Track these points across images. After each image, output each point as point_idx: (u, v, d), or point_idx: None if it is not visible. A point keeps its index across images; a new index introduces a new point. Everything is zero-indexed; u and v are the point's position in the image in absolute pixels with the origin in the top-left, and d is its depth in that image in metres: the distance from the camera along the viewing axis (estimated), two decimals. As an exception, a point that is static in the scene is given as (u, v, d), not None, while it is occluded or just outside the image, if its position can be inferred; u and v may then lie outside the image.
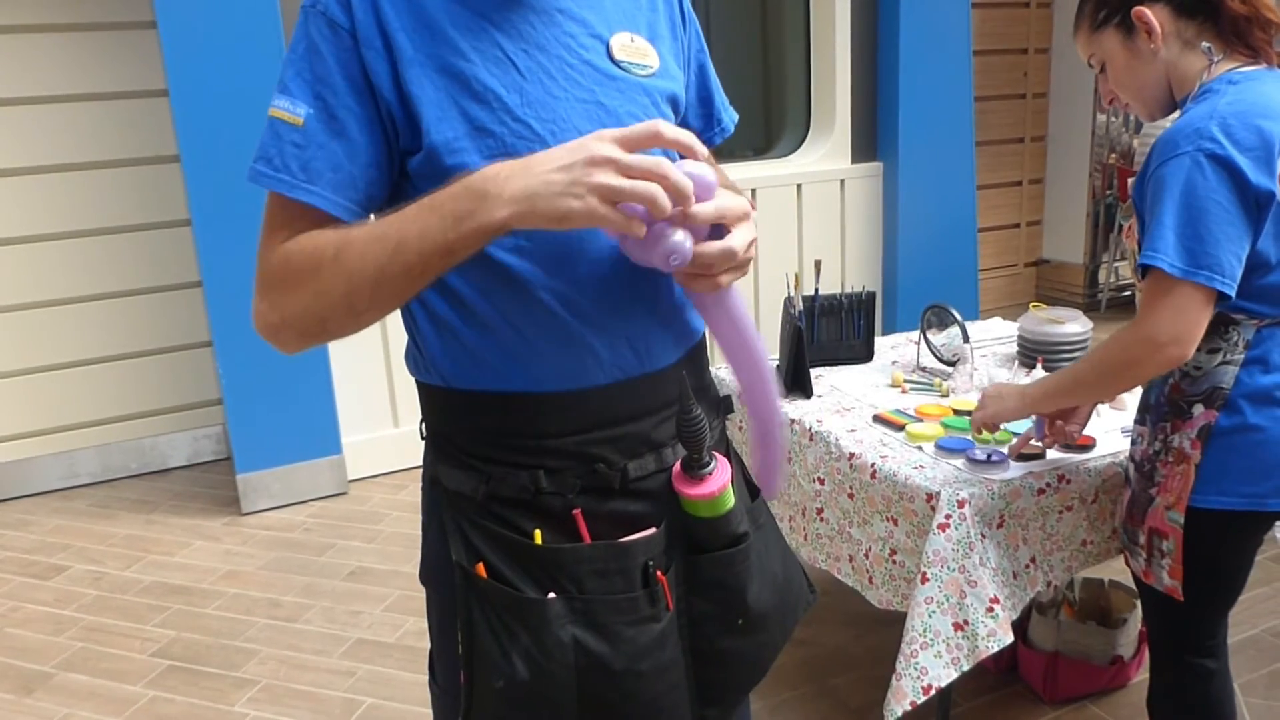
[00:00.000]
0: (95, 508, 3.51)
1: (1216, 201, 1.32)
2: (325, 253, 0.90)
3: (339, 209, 0.93)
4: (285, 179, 0.92)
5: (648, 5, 1.07)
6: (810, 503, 1.99)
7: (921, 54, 4.35)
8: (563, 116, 0.95)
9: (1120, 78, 1.52)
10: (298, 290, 0.91)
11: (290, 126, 0.91)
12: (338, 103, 0.92)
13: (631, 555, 1.00)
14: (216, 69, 3.03)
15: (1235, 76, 1.39)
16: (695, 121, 1.19)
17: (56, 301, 3.56)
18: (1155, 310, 1.36)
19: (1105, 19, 1.49)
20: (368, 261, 0.88)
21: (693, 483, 1.01)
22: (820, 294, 2.35)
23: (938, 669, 1.65)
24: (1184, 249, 1.33)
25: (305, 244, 0.92)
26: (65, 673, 2.49)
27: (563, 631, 0.97)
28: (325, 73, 0.91)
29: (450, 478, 1.02)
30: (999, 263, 5.42)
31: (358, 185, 0.94)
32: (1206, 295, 1.34)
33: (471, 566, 0.99)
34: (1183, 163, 1.34)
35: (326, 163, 0.92)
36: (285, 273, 0.92)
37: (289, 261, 0.92)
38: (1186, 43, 1.43)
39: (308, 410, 3.41)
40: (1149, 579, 1.56)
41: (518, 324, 0.97)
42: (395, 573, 2.94)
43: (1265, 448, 1.42)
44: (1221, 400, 1.43)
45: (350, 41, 0.91)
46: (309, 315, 0.92)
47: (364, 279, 0.88)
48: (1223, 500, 1.44)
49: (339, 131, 0.92)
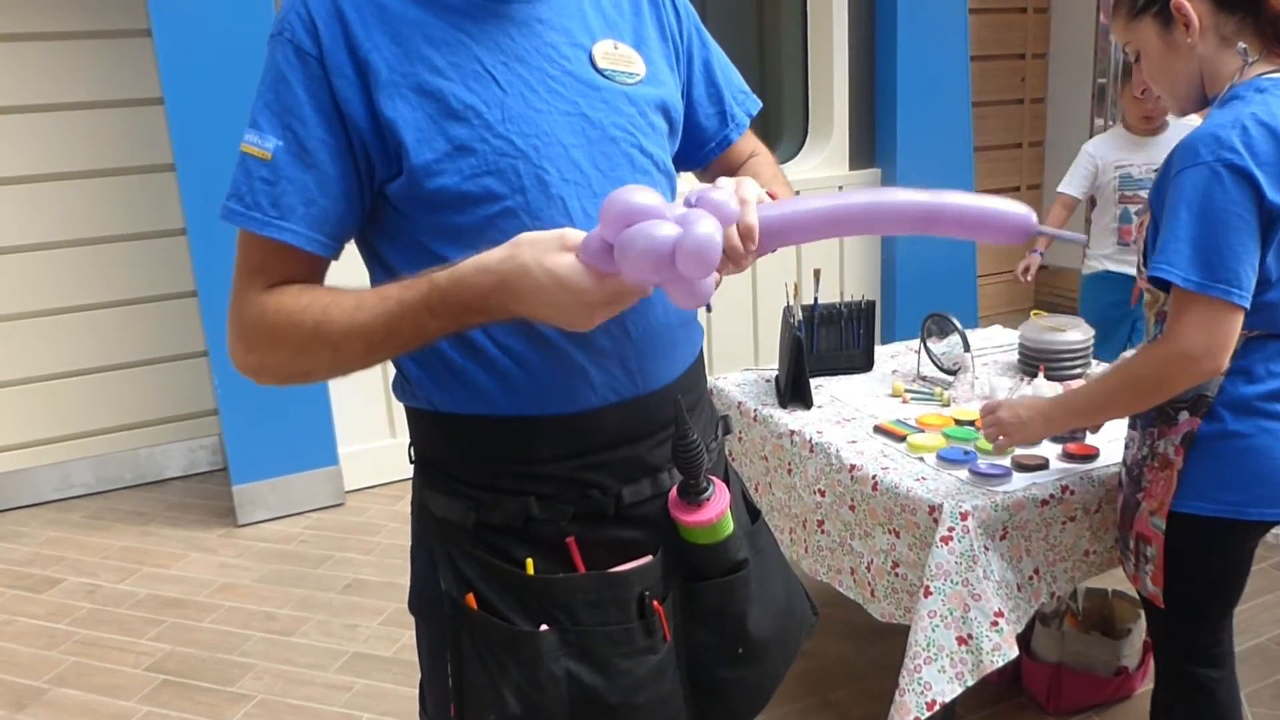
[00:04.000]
0: (90, 519, 3.49)
1: (1235, 214, 1.31)
2: (304, 324, 0.90)
3: (313, 244, 0.92)
4: (257, 217, 0.90)
5: (631, 10, 1.04)
6: (811, 515, 1.97)
7: (919, 60, 4.34)
8: (545, 130, 0.93)
9: (1154, 69, 1.49)
10: (278, 349, 0.93)
11: (259, 162, 0.90)
12: (308, 134, 0.89)
13: (627, 585, 0.98)
14: (211, 78, 3.01)
15: (1264, 83, 1.37)
16: (708, 121, 1.15)
17: (51, 311, 3.53)
18: (1183, 325, 1.35)
19: (1144, 7, 1.46)
20: (354, 344, 0.89)
21: (690, 509, 0.98)
22: (819, 303, 2.33)
23: (942, 684, 1.63)
24: (1200, 262, 1.32)
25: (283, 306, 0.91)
26: (58, 688, 2.46)
27: (555, 665, 0.95)
28: (294, 104, 0.89)
29: (439, 505, 1.00)
30: (997, 268, 5.41)
31: (330, 219, 0.92)
32: (1227, 308, 1.33)
33: (461, 597, 0.97)
34: (1202, 172, 1.32)
35: (298, 197, 0.90)
36: (264, 330, 0.92)
37: (266, 320, 0.92)
38: (1224, 39, 1.41)
39: (304, 421, 3.38)
40: (1136, 584, 1.57)
41: (506, 346, 0.94)
42: (392, 585, 2.92)
43: (1245, 455, 1.42)
44: (1205, 408, 1.44)
45: (319, 70, 0.89)
46: (292, 370, 0.95)
47: (352, 355, 0.91)
48: (1202, 506, 1.45)
49: (310, 164, 0.90)
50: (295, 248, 0.91)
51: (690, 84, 1.12)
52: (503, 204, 0.91)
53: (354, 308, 0.88)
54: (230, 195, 0.92)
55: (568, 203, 0.93)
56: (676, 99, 1.07)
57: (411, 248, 0.94)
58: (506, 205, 0.91)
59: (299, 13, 0.89)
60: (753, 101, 1.19)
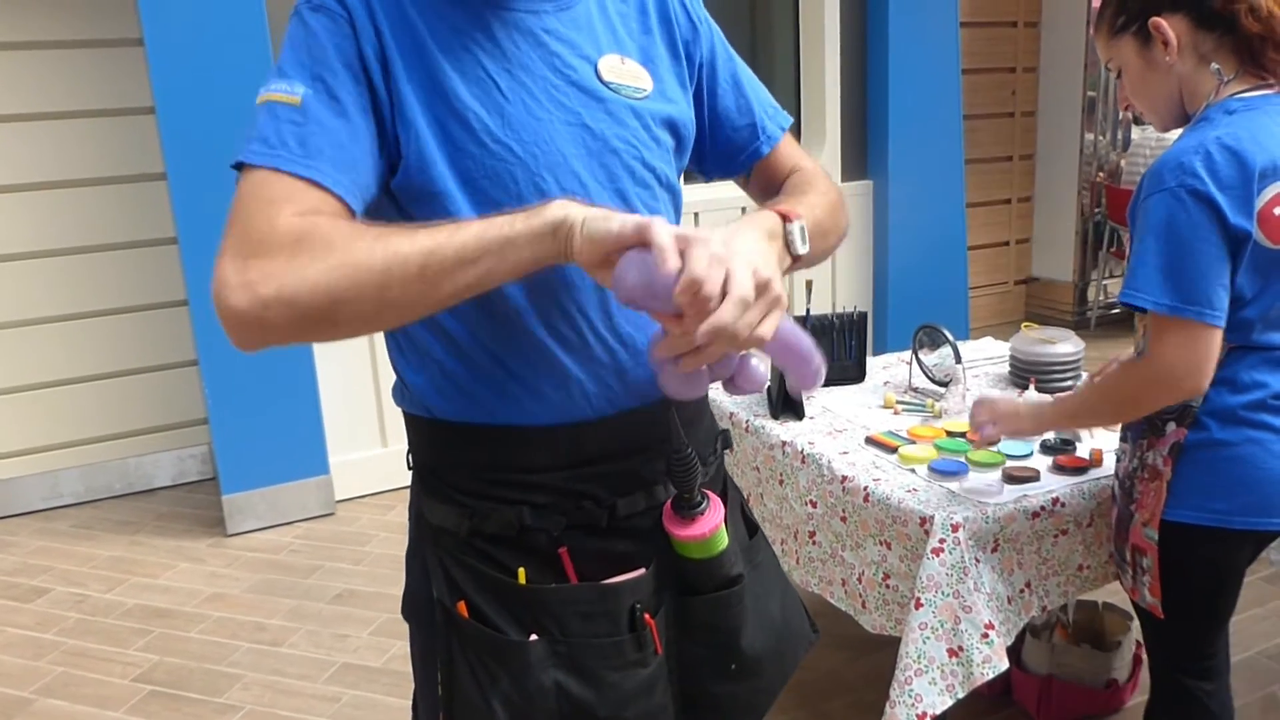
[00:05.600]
0: (78, 529, 3.47)
1: (1201, 237, 1.34)
2: (363, 230, 0.81)
3: (342, 188, 0.84)
4: (283, 154, 0.83)
5: (640, 29, 1.05)
6: (802, 526, 1.97)
7: (911, 73, 4.37)
8: (546, 139, 0.93)
9: (1134, 86, 1.51)
10: (315, 259, 0.78)
11: (287, 106, 0.85)
12: (338, 84, 0.86)
13: (618, 597, 0.97)
14: (203, 86, 3.01)
15: (1233, 105, 1.39)
16: (736, 134, 1.14)
17: (41, 319, 3.52)
18: (1163, 347, 1.37)
19: (1123, 25, 1.48)
20: (433, 259, 0.79)
21: (683, 523, 0.98)
22: (812, 314, 2.33)
23: (932, 696, 1.63)
24: (1171, 286, 1.35)
25: (331, 218, 0.82)
26: (45, 699, 2.45)
27: (545, 676, 0.94)
28: (324, 56, 0.87)
29: (434, 512, 1.00)
30: (988, 280, 5.43)
31: (358, 169, 0.86)
32: (1202, 329, 1.35)
33: (453, 604, 0.97)
34: (1165, 199, 1.35)
35: (327, 140, 0.84)
36: (301, 238, 0.79)
37: (314, 229, 0.80)
38: (1202, 57, 1.43)
39: (294, 430, 3.37)
40: (1134, 596, 1.58)
41: (503, 356, 0.94)
42: (382, 595, 2.91)
43: (1229, 464, 1.44)
44: (1191, 418, 1.45)
45: (349, 30, 0.88)
46: (320, 291, 0.78)
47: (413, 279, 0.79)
48: (1190, 515, 1.46)
49: (340, 112, 0.86)
50: (324, 189, 0.83)
51: (715, 95, 1.11)
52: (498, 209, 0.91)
53: (429, 230, 0.81)
54: (252, 139, 0.84)
55: None
56: (687, 116, 1.06)
57: None
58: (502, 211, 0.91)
59: None
60: (784, 117, 1.18)
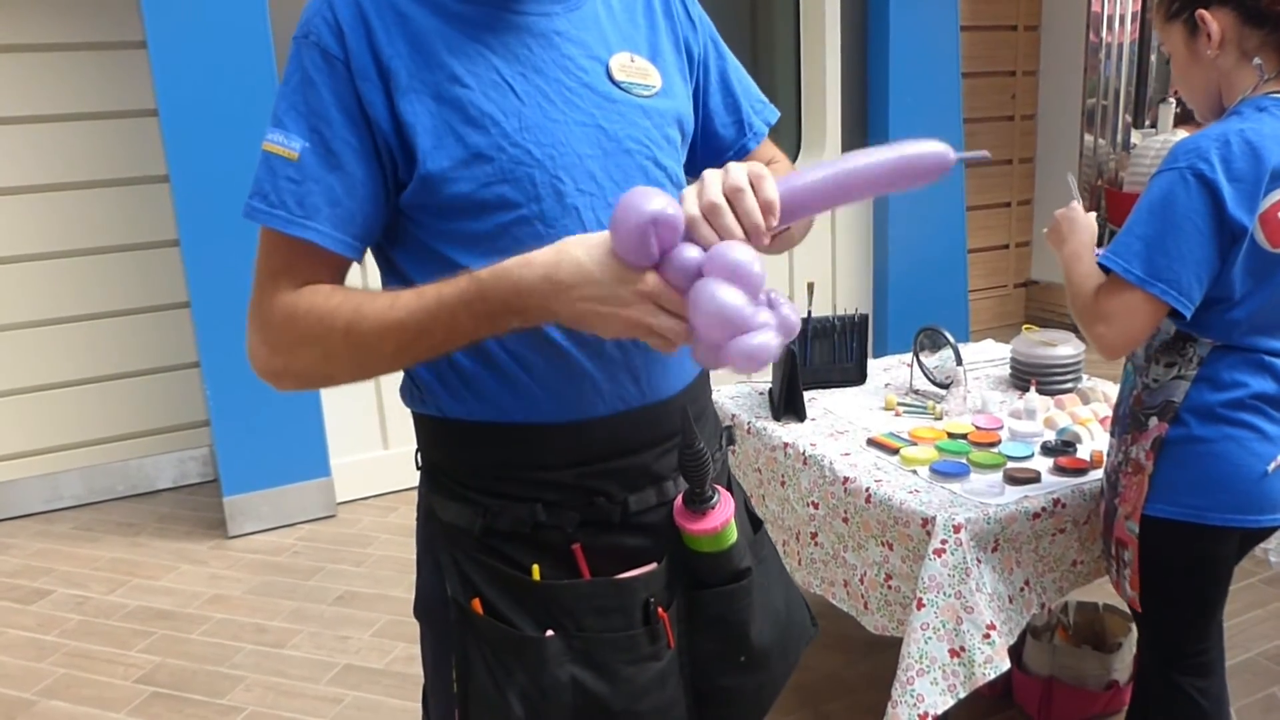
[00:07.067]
0: (79, 530, 3.47)
1: (1192, 220, 1.36)
2: (335, 324, 0.89)
3: (338, 244, 0.91)
4: (281, 215, 0.89)
5: (647, 23, 1.05)
6: (804, 527, 1.98)
7: (911, 76, 4.38)
8: (561, 140, 0.94)
9: (1179, 74, 1.53)
10: (304, 350, 0.92)
11: (285, 161, 0.90)
12: (333, 135, 0.90)
13: (632, 592, 0.98)
14: (206, 89, 3.02)
15: (1265, 102, 1.40)
16: (725, 130, 1.15)
17: (42, 321, 3.52)
18: (1109, 305, 1.42)
19: (1175, 12, 1.49)
20: (385, 343, 0.88)
21: (695, 517, 0.99)
22: (813, 316, 2.34)
23: (934, 696, 1.63)
24: (1145, 258, 1.38)
25: (315, 306, 0.90)
26: (47, 700, 2.45)
27: (560, 670, 0.95)
28: (320, 106, 0.89)
29: (446, 510, 1.01)
30: (988, 283, 5.44)
31: (355, 220, 0.92)
32: (1158, 306, 1.39)
33: (467, 602, 0.97)
34: (1171, 176, 1.38)
35: (324, 198, 0.90)
36: (290, 330, 0.91)
37: (295, 321, 0.91)
38: (1245, 53, 1.43)
39: (296, 432, 3.37)
40: (1118, 589, 1.60)
41: (516, 353, 0.95)
42: (384, 597, 2.91)
43: (1207, 460, 1.46)
44: (1172, 414, 1.48)
45: (345, 72, 0.89)
46: (315, 373, 0.94)
47: (380, 356, 0.90)
48: (1168, 510, 1.49)
49: (335, 165, 0.90)
50: (320, 247, 0.90)
51: (707, 93, 1.12)
52: (517, 212, 0.92)
53: (388, 306, 0.87)
54: (253, 194, 0.91)
55: (582, 213, 0.94)
56: (689, 111, 1.08)
57: (425, 255, 0.95)
58: (521, 213, 0.92)
59: (325, 16, 0.90)
60: (770, 111, 1.19)
